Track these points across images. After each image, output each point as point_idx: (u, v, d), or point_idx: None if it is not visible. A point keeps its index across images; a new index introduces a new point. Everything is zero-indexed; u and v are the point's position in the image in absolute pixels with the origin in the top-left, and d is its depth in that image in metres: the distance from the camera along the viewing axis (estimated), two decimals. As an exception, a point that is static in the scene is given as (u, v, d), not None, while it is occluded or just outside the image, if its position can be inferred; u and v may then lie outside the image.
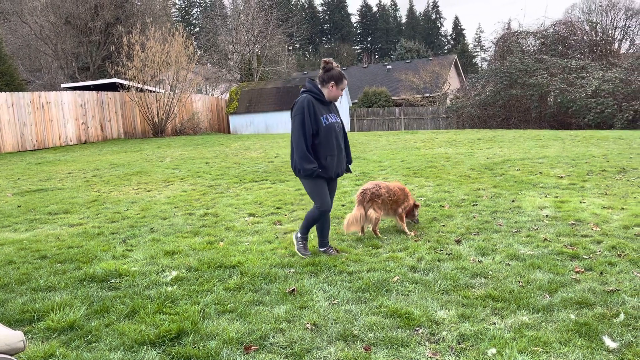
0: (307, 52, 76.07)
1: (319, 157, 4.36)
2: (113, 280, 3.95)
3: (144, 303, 3.45)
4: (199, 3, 72.08)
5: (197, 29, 57.33)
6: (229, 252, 4.62)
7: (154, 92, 20.33)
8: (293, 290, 3.61)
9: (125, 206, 7.02)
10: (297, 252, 4.56)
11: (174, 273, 4.07)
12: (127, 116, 20.47)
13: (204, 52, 35.69)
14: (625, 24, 33.25)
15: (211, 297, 3.55)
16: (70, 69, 29.58)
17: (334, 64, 4.51)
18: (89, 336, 3.01)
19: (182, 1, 71.75)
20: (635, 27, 33.73)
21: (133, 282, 3.91)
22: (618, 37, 33.22)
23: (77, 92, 18.73)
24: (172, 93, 20.50)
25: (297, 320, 3.15)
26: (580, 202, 6.14)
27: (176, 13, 65.33)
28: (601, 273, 3.76)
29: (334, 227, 5.52)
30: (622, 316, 2.99)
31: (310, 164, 4.30)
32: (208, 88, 35.70)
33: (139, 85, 19.75)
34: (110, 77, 21.20)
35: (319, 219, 4.50)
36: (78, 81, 27.05)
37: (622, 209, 5.69)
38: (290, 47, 50.39)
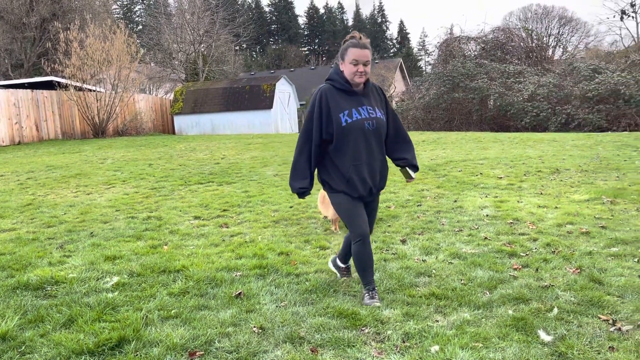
0: (254, 53, 75.55)
1: (340, 168, 3.32)
2: (49, 288, 3.77)
3: (83, 311, 3.31)
4: (142, 0, 70.10)
5: (140, 26, 55.74)
6: (174, 256, 4.51)
7: (94, 91, 19.60)
8: (239, 293, 3.57)
9: (63, 210, 6.72)
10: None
11: (115, 279, 3.93)
12: (65, 116, 19.62)
13: (147, 50, 34.74)
14: (559, 32, 35.12)
15: (154, 302, 3.45)
16: (3, 66, 28.07)
17: (353, 35, 3.34)
18: (23, 347, 2.86)
19: (124, -2, 69.54)
20: (567, 34, 35.69)
21: (71, 289, 3.74)
22: (552, 44, 35.01)
23: (10, 90, 17.77)
24: (113, 92, 19.82)
25: (243, 324, 3.11)
26: (518, 201, 6.41)
27: (118, 10, 63.21)
28: (537, 269, 3.93)
29: (282, 229, 5.50)
30: (555, 310, 3.14)
31: (297, 181, 3.38)
32: (152, 88, 34.78)
33: (78, 84, 18.98)
34: (47, 75, 20.28)
35: (357, 251, 3.35)
36: (11, 79, 25.71)
37: (556, 207, 5.98)
38: (237, 47, 49.88)
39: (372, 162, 3.33)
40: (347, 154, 3.28)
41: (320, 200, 5.46)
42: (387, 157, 3.48)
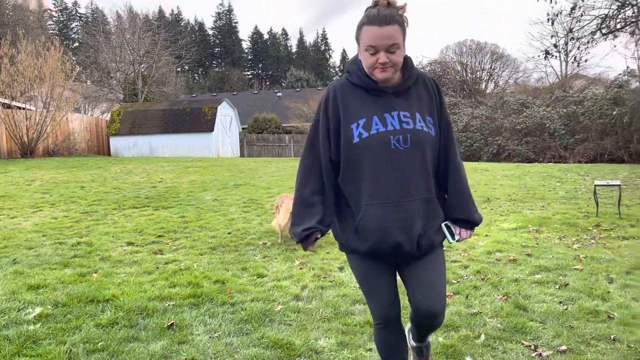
0: (197, 75, 74.82)
1: (342, 210, 2.19)
2: (-37, 321, 3.52)
3: (1, 345, 3.11)
4: (80, 17, 68.15)
5: (77, 44, 54.00)
6: (103, 284, 4.33)
7: (24, 109, 18.69)
8: (172, 324, 3.47)
9: (-16, 235, 6.32)
10: None
11: (38, 310, 3.72)
12: (-9, 134, 18.54)
13: (83, 69, 33.64)
14: (491, 66, 37.09)
15: (80, 335, 3.29)
16: None
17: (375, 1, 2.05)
18: None
19: (60, 14, 67.33)
20: (499, 69, 37.75)
21: (-12, 321, 3.51)
22: (485, 78, 36.91)
23: None
24: (45, 111, 18.98)
25: (174, 356, 3.02)
26: (451, 229, 6.63)
27: (53, 26, 61.09)
28: (467, 296, 4.07)
29: (219, 256, 5.41)
30: (482, 337, 3.25)
31: (300, 222, 2.15)
32: (87, 107, 33.59)
33: (6, 101, 18.06)
34: (-28, 90, 19.13)
35: (377, 338, 2.36)
36: None
37: (487, 235, 6.23)
38: (179, 69, 49.27)
39: (407, 202, 2.06)
40: (358, 185, 2.09)
41: (279, 203, 5.71)
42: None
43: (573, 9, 10.52)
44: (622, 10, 10.02)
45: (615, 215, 7.19)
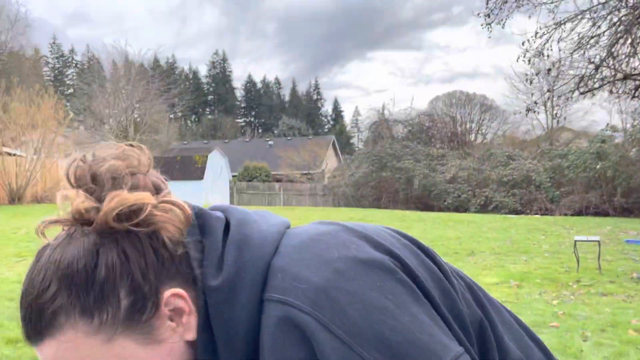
0: (189, 121, 75.74)
1: None
2: (-64, 376, 3.49)
3: (-28, 403, 3.08)
4: (76, 64, 69.39)
5: (72, 90, 54.82)
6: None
7: (14, 155, 18.80)
8: None
9: (-36, 285, 6.27)
10: None
11: (14, 365, 3.70)
12: (-21, 180, 18.55)
13: (76, 115, 34.04)
14: (480, 117, 37.94)
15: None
16: None
17: None
18: None
19: (56, 60, 68.61)
20: (488, 120, 38.60)
21: (-38, 377, 3.48)
22: (474, 129, 37.71)
23: None
24: (35, 157, 19.10)
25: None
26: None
27: (49, 72, 62.13)
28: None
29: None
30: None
31: None
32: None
33: (-3, 148, 18.20)
34: (-36, 135, 19.26)
35: None
36: None
37: (468, 290, 6.29)
38: (172, 116, 49.99)
39: None
40: None
41: None
42: None
43: (549, 70, 10.99)
44: (598, 70, 10.48)
45: (596, 271, 7.29)
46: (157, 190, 0.73)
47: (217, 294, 0.66)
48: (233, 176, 31.67)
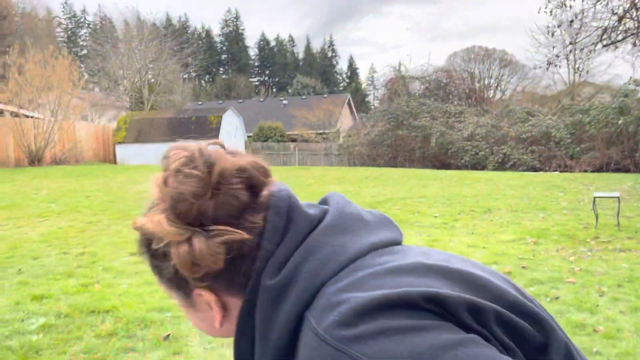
0: (203, 81, 75.37)
1: None
2: (-32, 331, 3.63)
3: (4, 355, 3.21)
4: (88, 25, 68.89)
5: (85, 51, 54.61)
6: (105, 295, 4.44)
7: (31, 117, 18.96)
8: (168, 335, 3.57)
9: (-10, 244, 6.46)
10: None
11: (42, 320, 3.83)
12: (-1, 142, 18.81)
13: (91, 76, 34.05)
14: (500, 73, 36.99)
15: (80, 346, 3.39)
16: None
17: None
18: None
19: (69, 21, 68.18)
20: (507, 75, 37.64)
21: (-8, 332, 3.62)
22: (493, 85, 36.87)
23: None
24: (52, 119, 19.24)
25: (170, 367, 3.12)
26: (450, 241, 6.70)
27: (62, 34, 61.83)
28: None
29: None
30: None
31: None
32: (94, 115, 33.97)
33: (14, 110, 18.33)
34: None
35: None
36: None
37: (484, 247, 6.29)
38: (186, 76, 49.73)
39: None
40: None
41: None
42: None
43: (572, 21, 10.58)
44: (622, 22, 10.07)
45: (615, 227, 7.23)
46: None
47: (267, 292, 0.72)
48: (248, 136, 31.68)
